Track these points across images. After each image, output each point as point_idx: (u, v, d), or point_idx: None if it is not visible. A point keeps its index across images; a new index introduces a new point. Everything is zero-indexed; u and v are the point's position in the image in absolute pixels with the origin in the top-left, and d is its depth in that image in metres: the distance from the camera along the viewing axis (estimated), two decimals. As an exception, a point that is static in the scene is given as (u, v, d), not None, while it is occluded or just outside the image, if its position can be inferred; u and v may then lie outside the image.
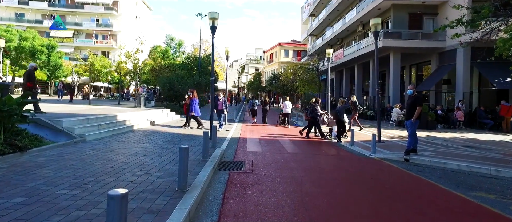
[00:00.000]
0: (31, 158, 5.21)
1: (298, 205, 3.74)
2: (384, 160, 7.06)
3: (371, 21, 9.95)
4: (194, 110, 11.34)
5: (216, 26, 9.06)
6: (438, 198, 4.26)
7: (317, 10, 33.06)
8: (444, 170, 6.03)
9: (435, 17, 18.43)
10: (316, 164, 6.46)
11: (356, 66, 24.31)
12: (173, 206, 3.22)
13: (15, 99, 5.76)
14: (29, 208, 3.01)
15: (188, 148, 3.92)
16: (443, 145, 9.16)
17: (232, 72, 69.74)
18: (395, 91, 18.77)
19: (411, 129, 7.07)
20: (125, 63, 23.71)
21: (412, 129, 7.05)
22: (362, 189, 4.64)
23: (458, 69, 15.91)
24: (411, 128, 7.06)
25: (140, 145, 7.18)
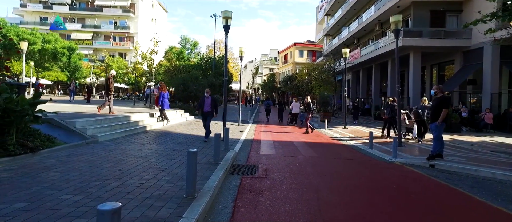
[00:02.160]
0: (41, 159, 5.15)
1: (315, 216, 3.41)
2: (407, 166, 6.59)
3: (392, 19, 9.44)
4: (163, 104, 11.50)
5: (229, 25, 8.86)
6: (475, 212, 3.81)
7: (333, 9, 32.37)
8: (476, 178, 5.50)
9: (459, 14, 17.49)
10: (333, 169, 6.09)
11: (374, 66, 23.52)
12: (179, 215, 2.98)
13: (27, 99, 5.73)
14: (29, 215, 2.85)
15: (197, 152, 3.68)
16: (471, 149, 8.52)
17: (246, 73, 69.72)
18: (415, 92, 17.95)
19: (436, 133, 6.56)
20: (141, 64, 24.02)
21: (438, 133, 6.54)
22: (385, 199, 4.25)
23: (486, 69, 14.97)
24: (436, 131, 6.55)
25: (151, 146, 7.04)
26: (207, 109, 8.54)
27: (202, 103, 8.59)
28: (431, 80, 20.17)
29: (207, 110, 8.54)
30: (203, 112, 8.62)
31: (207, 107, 8.55)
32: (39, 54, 30.35)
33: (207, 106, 8.56)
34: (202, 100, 8.65)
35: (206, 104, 8.56)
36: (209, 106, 8.57)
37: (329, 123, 14.94)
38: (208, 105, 8.57)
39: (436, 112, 6.50)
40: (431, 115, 6.71)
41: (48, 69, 31.92)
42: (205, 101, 8.57)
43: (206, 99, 8.61)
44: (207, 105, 8.57)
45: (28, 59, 27.79)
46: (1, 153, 4.86)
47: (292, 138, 10.88)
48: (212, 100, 8.59)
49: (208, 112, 8.57)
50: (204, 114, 8.63)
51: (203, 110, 8.56)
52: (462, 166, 6.02)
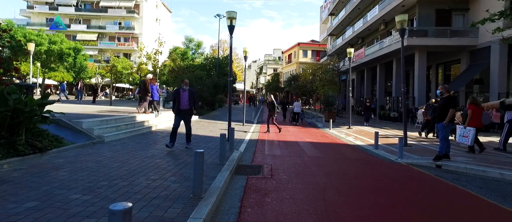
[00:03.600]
0: (50, 159, 5.21)
1: (321, 217, 3.41)
2: (413, 166, 6.55)
3: (397, 18, 9.38)
4: (153, 95, 11.60)
5: (234, 26, 8.88)
6: (484, 213, 3.77)
7: (337, 9, 32.24)
8: (484, 179, 5.45)
9: (465, 13, 17.30)
10: (339, 169, 6.08)
11: (378, 66, 23.38)
12: (187, 215, 3.00)
13: (36, 100, 5.81)
14: (40, 214, 2.89)
15: (203, 153, 3.70)
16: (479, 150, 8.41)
17: (250, 73, 69.76)
18: (421, 92, 17.81)
19: (442, 133, 6.51)
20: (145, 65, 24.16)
21: (444, 133, 6.49)
22: (391, 199, 4.23)
23: (493, 68, 14.79)
24: (443, 131, 6.50)
25: (157, 146, 7.08)
26: (184, 106, 6.78)
27: (177, 98, 6.79)
28: (436, 79, 19.99)
29: (184, 107, 6.79)
30: (179, 109, 6.78)
31: (184, 104, 6.78)
32: (45, 55, 30.68)
33: (184, 102, 6.78)
34: (177, 94, 6.84)
35: (182, 100, 6.77)
36: (187, 102, 6.79)
37: (334, 123, 14.90)
38: (186, 101, 6.78)
39: (443, 112, 6.45)
40: (438, 115, 6.66)
41: (54, 70, 32.26)
42: (181, 96, 6.78)
43: (183, 94, 6.80)
44: (184, 101, 6.77)
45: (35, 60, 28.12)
46: (11, 153, 4.93)
47: (297, 138, 10.87)
48: (190, 94, 6.86)
49: (185, 110, 6.82)
50: (181, 112, 6.81)
51: (179, 107, 6.78)
52: (469, 167, 5.97)
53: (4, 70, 6.19)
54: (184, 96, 6.84)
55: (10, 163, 4.72)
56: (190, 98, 6.89)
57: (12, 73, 6.43)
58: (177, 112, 6.86)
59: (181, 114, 6.87)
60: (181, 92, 6.86)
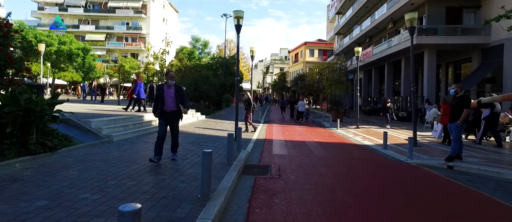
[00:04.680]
0: (59, 159, 5.27)
1: (331, 218, 3.36)
2: (423, 167, 6.42)
3: (406, 16, 9.22)
4: (140, 93, 11.56)
5: (241, 25, 8.85)
6: (501, 217, 3.66)
7: (344, 8, 31.95)
8: (499, 181, 5.30)
9: (477, 10, 16.94)
10: (347, 170, 6.00)
11: (386, 65, 23.09)
12: (195, 215, 2.99)
13: (46, 99, 5.89)
14: (50, 213, 2.91)
15: (211, 153, 3.68)
16: (493, 151, 8.23)
17: (257, 73, 69.76)
18: (430, 91, 17.50)
19: (455, 133, 6.36)
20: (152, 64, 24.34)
21: (457, 133, 6.34)
22: (403, 201, 4.14)
23: (507, 67, 14.43)
24: (456, 131, 6.35)
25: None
26: (170, 107, 5.29)
27: (160, 96, 5.29)
28: (446, 78, 19.64)
29: (170, 108, 5.30)
30: (163, 111, 5.27)
31: (170, 104, 5.30)
32: (55, 55, 31.20)
33: (170, 102, 5.30)
34: (161, 91, 5.30)
35: (167, 99, 5.27)
36: (173, 102, 5.31)
37: (341, 123, 14.77)
38: (172, 101, 5.31)
39: (457, 112, 6.30)
40: (451, 115, 6.51)
41: (63, 70, 32.78)
42: (165, 94, 5.26)
43: (168, 91, 5.29)
44: (170, 100, 5.29)
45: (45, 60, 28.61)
46: (22, 151, 5.01)
47: (304, 138, 10.80)
48: (177, 92, 5.36)
49: (171, 113, 5.32)
50: (166, 115, 5.30)
51: (163, 108, 5.26)
52: (483, 168, 5.82)
53: (16, 70, 6.29)
54: (170, 94, 5.28)
55: (22, 162, 4.79)
56: (177, 97, 5.33)
57: (24, 73, 6.52)
58: (161, 114, 5.29)
59: (166, 118, 5.31)
60: (166, 89, 5.28)
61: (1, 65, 5.75)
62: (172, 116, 5.40)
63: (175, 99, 5.36)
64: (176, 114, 5.45)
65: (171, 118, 5.40)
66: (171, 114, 5.37)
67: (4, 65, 5.84)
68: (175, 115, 5.43)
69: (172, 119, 5.43)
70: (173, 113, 5.39)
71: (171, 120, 5.41)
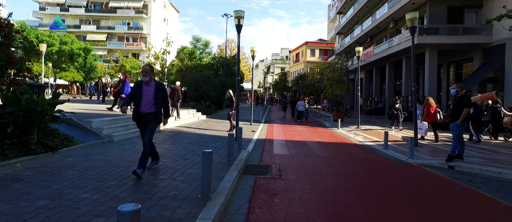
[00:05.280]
0: (60, 158, 5.28)
1: (331, 218, 3.35)
2: (424, 166, 6.41)
3: (407, 16, 9.20)
4: (126, 92, 11.54)
5: (241, 25, 8.85)
6: (503, 218, 3.64)
7: (345, 7, 31.90)
8: (500, 181, 5.28)
9: (479, 10, 16.88)
10: (348, 170, 5.99)
11: (387, 64, 23.03)
12: (195, 215, 2.99)
13: (47, 99, 5.90)
14: (50, 213, 2.92)
15: (211, 153, 3.68)
16: (494, 151, 8.21)
17: (257, 72, 69.74)
18: (431, 91, 17.43)
19: (456, 132, 6.34)
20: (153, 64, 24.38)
21: (458, 132, 6.31)
22: (404, 201, 4.14)
23: (508, 66, 14.37)
24: (456, 131, 6.33)
25: (165, 146, 7.12)
26: (147, 108, 4.39)
27: (137, 94, 4.41)
28: (448, 78, 19.58)
29: (147, 110, 4.39)
30: (139, 114, 4.42)
31: (146, 104, 4.39)
32: (56, 55, 31.29)
33: (147, 102, 4.39)
34: (138, 89, 4.42)
35: (144, 99, 4.38)
36: (151, 103, 4.39)
37: (342, 123, 14.75)
38: (149, 102, 4.39)
39: (457, 112, 6.28)
40: (452, 114, 6.50)
41: (65, 70, 32.87)
42: (143, 93, 4.39)
43: (147, 89, 4.42)
44: (147, 100, 4.39)
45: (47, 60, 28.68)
46: (23, 151, 5.02)
47: (304, 138, 10.79)
48: (157, 91, 4.43)
49: (148, 115, 4.40)
50: (141, 119, 4.45)
51: (138, 109, 4.40)
52: (484, 168, 5.80)
53: (17, 70, 6.31)
54: (148, 93, 4.40)
55: (23, 162, 4.80)
56: (158, 97, 4.41)
57: (25, 73, 6.54)
58: (136, 117, 4.47)
59: (141, 121, 4.45)
60: (144, 87, 4.41)
61: (2, 65, 5.77)
62: (148, 119, 4.42)
63: (154, 99, 4.39)
64: (153, 117, 4.43)
65: (146, 120, 4.42)
66: (146, 116, 4.41)
67: (5, 65, 5.86)
68: (152, 117, 4.43)
69: (147, 121, 4.42)
70: (149, 116, 4.41)
71: (146, 122, 4.44)
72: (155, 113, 4.46)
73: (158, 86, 4.50)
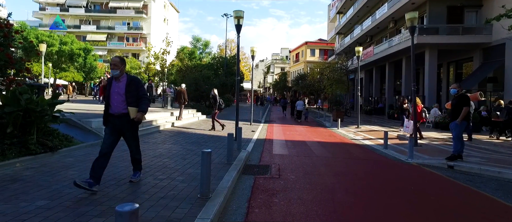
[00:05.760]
0: (60, 158, 5.29)
1: (330, 218, 3.35)
2: (424, 166, 6.41)
3: (407, 16, 9.20)
4: None
5: (241, 25, 8.85)
6: (502, 218, 3.65)
7: (345, 7, 31.92)
8: (499, 181, 5.29)
9: (478, 10, 16.89)
10: (348, 169, 5.99)
11: (387, 64, 23.05)
12: (194, 215, 2.99)
13: (46, 100, 5.90)
14: (50, 213, 2.92)
15: (211, 153, 3.68)
16: (493, 150, 8.21)
17: (257, 72, 69.74)
18: (431, 90, 17.46)
19: (456, 132, 6.33)
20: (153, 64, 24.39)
21: (457, 132, 6.30)
22: (403, 201, 4.14)
23: (508, 66, 14.38)
24: (456, 130, 6.32)
25: (164, 146, 7.12)
26: (118, 108, 3.73)
27: (106, 93, 3.85)
28: (447, 78, 19.60)
29: (118, 110, 3.74)
30: (109, 115, 3.79)
31: (117, 104, 3.73)
32: (56, 55, 31.28)
33: (118, 101, 3.73)
34: (107, 86, 3.86)
35: (114, 97, 3.73)
36: (122, 101, 3.72)
37: (342, 123, 14.75)
38: (120, 100, 3.72)
39: (456, 111, 6.28)
40: (451, 114, 6.49)
41: (65, 70, 32.86)
42: (112, 90, 3.76)
43: (116, 86, 3.76)
44: (118, 99, 3.73)
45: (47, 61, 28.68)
46: (23, 151, 5.02)
47: (304, 138, 10.79)
48: (128, 86, 3.73)
49: (120, 117, 3.74)
50: (113, 120, 3.76)
51: (109, 110, 3.78)
52: (483, 168, 5.80)
53: (16, 70, 6.31)
54: (119, 90, 3.72)
55: (22, 162, 4.80)
56: (130, 93, 3.71)
57: (24, 73, 6.54)
58: (105, 119, 3.83)
59: (113, 124, 3.76)
60: (114, 84, 3.77)
61: (1, 66, 5.77)
62: (121, 122, 3.74)
63: (124, 97, 3.70)
64: (128, 119, 3.73)
65: (121, 124, 3.76)
66: (119, 118, 3.73)
67: (4, 65, 5.86)
68: (126, 120, 3.74)
69: (122, 126, 3.77)
70: (122, 118, 3.73)
71: (121, 127, 3.77)
72: (128, 115, 3.75)
73: (129, 81, 3.80)
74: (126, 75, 3.89)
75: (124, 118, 3.77)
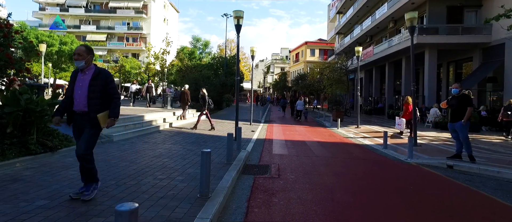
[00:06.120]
0: (60, 158, 5.29)
1: (330, 218, 3.36)
2: (423, 166, 6.42)
3: (406, 16, 9.21)
4: None
5: (241, 25, 8.86)
6: (501, 217, 3.65)
7: (345, 7, 31.92)
8: (499, 181, 5.30)
9: (478, 10, 16.90)
10: (347, 169, 6.00)
11: (387, 64, 23.06)
12: (193, 215, 3.00)
13: (46, 100, 5.91)
14: (50, 213, 2.93)
15: (210, 152, 3.69)
16: (493, 150, 8.22)
17: (257, 72, 69.76)
18: (431, 90, 17.47)
19: (464, 134, 6.26)
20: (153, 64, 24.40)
21: (465, 133, 6.27)
22: (402, 200, 4.15)
23: (508, 66, 14.39)
24: (463, 132, 6.25)
25: (164, 146, 7.13)
26: (80, 105, 3.21)
27: (70, 87, 3.31)
28: (447, 78, 19.61)
29: (80, 108, 3.22)
30: (72, 112, 3.31)
31: (80, 100, 3.20)
32: (56, 55, 31.30)
33: (81, 96, 3.19)
34: (71, 79, 3.32)
35: (78, 92, 3.22)
36: (85, 97, 3.18)
37: (342, 122, 14.76)
38: (83, 96, 3.19)
39: (459, 111, 6.25)
40: (454, 115, 6.40)
41: (65, 70, 32.89)
42: (76, 84, 3.24)
43: (81, 79, 3.24)
44: (81, 94, 3.20)
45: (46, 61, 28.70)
46: (23, 151, 5.03)
47: (304, 138, 10.80)
48: (93, 80, 3.20)
49: (81, 115, 3.25)
50: (75, 119, 3.32)
51: (72, 107, 3.27)
52: (483, 168, 5.81)
53: (16, 70, 6.31)
54: (83, 84, 3.19)
55: (22, 162, 4.81)
56: (94, 89, 3.17)
57: (24, 73, 6.54)
58: (68, 117, 3.34)
59: (77, 123, 3.30)
60: (79, 76, 3.24)
61: (1, 66, 5.77)
62: (82, 121, 3.22)
63: (88, 92, 3.14)
64: (87, 118, 3.17)
65: (82, 124, 3.24)
66: (81, 117, 3.21)
67: (4, 65, 5.86)
68: (86, 119, 3.18)
69: (82, 125, 3.23)
70: (84, 116, 3.20)
71: (82, 127, 3.25)
72: (88, 114, 3.16)
73: (96, 73, 3.20)
74: (94, 67, 3.30)
75: (86, 117, 3.20)
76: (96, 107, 3.19)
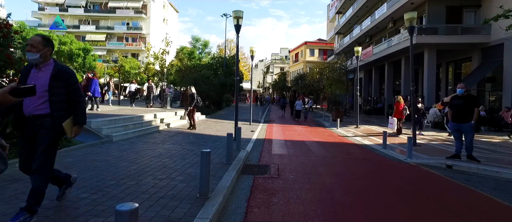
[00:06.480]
0: (59, 159, 5.26)
1: (329, 217, 3.37)
2: (422, 166, 6.43)
3: (406, 16, 9.22)
4: (95, 91, 11.36)
5: (240, 25, 8.87)
6: (499, 217, 3.67)
7: (344, 7, 31.95)
8: (497, 180, 5.31)
9: (477, 10, 16.94)
10: (346, 169, 6.01)
11: (386, 64, 23.09)
12: (193, 215, 3.00)
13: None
14: (49, 213, 2.94)
15: (210, 153, 3.70)
16: (492, 150, 8.24)
17: (257, 72, 69.75)
18: (430, 90, 17.50)
19: (471, 134, 6.26)
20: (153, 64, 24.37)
21: (472, 134, 6.29)
22: (401, 200, 4.16)
23: (507, 66, 14.43)
24: (471, 132, 6.25)
25: (164, 146, 7.13)
26: (35, 108, 2.60)
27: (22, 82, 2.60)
28: (446, 78, 19.65)
29: (35, 111, 2.61)
30: (23, 118, 2.63)
31: (31, 101, 2.56)
32: (55, 55, 31.27)
33: (36, 96, 2.44)
34: (22, 76, 2.67)
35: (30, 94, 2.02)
36: (43, 97, 2.60)
37: (341, 122, 14.78)
38: (39, 95, 2.50)
39: (468, 111, 6.24)
40: (459, 115, 6.36)
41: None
42: (29, 81, 2.56)
43: (36, 76, 2.61)
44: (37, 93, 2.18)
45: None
46: (21, 152, 5.01)
47: (303, 138, 10.81)
48: (53, 77, 2.61)
49: (37, 119, 2.62)
50: (26, 125, 2.65)
51: (22, 110, 2.61)
52: (482, 167, 5.82)
53: (16, 70, 6.31)
54: (36, 82, 2.57)
55: (21, 162, 4.80)
56: (56, 89, 2.68)
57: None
58: (18, 124, 2.72)
59: (28, 130, 2.69)
60: (33, 73, 2.67)
61: (1, 66, 5.77)
62: (35, 128, 2.66)
63: (47, 94, 2.63)
64: (47, 123, 2.65)
65: (34, 131, 2.67)
66: (33, 122, 2.65)
67: (4, 65, 5.86)
68: (45, 124, 2.64)
69: (35, 133, 2.67)
70: (39, 121, 2.64)
71: (33, 133, 2.68)
72: (50, 117, 2.64)
73: (56, 71, 2.66)
74: (53, 63, 2.69)
75: (42, 121, 2.61)
76: (61, 113, 2.65)
